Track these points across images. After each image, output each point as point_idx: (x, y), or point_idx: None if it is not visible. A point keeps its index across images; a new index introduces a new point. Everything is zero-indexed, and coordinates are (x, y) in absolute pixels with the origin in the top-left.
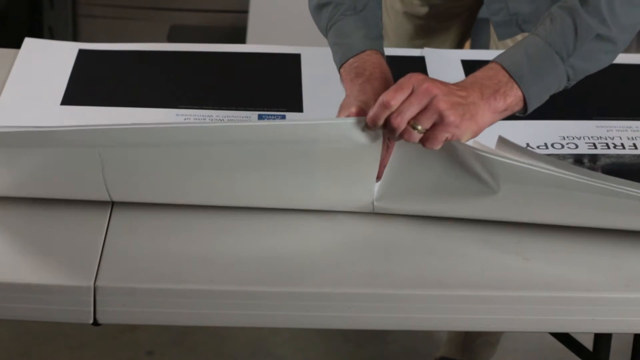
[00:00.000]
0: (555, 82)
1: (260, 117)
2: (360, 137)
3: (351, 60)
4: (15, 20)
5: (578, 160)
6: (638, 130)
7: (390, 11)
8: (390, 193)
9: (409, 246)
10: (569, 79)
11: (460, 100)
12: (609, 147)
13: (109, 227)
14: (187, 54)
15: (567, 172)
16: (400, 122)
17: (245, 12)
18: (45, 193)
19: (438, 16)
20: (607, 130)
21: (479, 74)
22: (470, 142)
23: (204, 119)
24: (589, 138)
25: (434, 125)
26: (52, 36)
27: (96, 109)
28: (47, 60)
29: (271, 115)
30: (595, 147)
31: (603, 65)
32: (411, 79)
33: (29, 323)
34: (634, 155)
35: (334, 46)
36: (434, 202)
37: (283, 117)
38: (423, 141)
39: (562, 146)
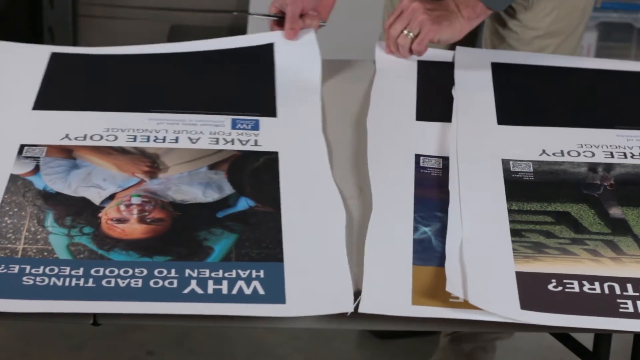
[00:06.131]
0: None
1: (233, 122)
2: None
3: None
4: (15, 20)
5: (592, 168)
6: None
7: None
8: None
9: None
10: None
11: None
12: (626, 157)
13: None
14: (158, 56)
15: None
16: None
17: (246, 12)
18: None
19: None
20: (627, 140)
21: None
22: None
23: (177, 124)
24: (607, 147)
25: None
26: (52, 36)
27: (69, 113)
28: (19, 64)
29: (245, 120)
30: (612, 156)
31: None
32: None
33: (29, 323)
34: None
35: None
36: None
37: (256, 122)
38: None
39: (579, 154)
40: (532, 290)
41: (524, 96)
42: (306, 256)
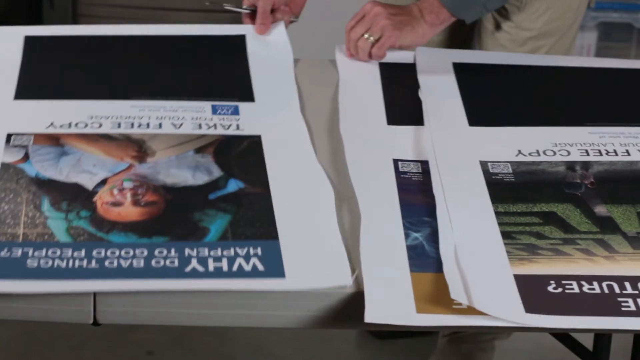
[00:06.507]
0: None
1: (214, 107)
2: None
3: None
4: (15, 20)
5: (570, 167)
6: (631, 137)
7: None
8: None
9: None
10: None
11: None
12: (601, 154)
13: None
14: (134, 38)
15: None
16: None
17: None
18: None
19: None
20: (600, 137)
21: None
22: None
23: (159, 110)
24: (581, 145)
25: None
26: None
27: (51, 102)
28: None
29: (224, 105)
30: (588, 154)
31: None
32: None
33: (29, 323)
34: (626, 162)
35: None
36: None
37: (236, 107)
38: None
39: (554, 153)
40: (533, 292)
41: (491, 96)
42: (300, 233)
